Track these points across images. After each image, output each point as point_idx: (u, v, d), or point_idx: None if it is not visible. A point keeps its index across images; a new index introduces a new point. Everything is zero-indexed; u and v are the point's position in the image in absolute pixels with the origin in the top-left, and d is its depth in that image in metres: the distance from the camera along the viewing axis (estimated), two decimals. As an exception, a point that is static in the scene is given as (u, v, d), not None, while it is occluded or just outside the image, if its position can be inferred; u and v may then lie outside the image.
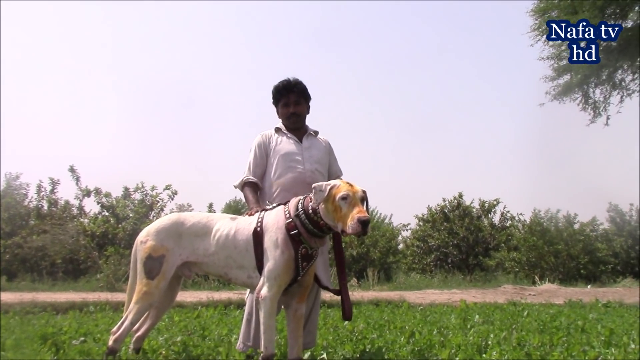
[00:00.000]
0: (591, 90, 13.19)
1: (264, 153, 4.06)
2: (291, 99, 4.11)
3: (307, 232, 3.38)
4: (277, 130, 4.17)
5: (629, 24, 12.20)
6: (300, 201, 3.47)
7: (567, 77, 12.96)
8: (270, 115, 4.26)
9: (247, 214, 3.72)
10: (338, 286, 3.76)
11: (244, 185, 4.01)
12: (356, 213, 3.19)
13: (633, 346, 4.55)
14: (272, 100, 4.23)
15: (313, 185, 3.37)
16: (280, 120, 4.21)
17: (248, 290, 3.92)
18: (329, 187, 3.32)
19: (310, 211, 3.37)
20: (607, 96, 13.14)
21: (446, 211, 19.40)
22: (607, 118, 13.21)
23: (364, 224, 3.16)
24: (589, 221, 19.64)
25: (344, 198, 3.25)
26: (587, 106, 13.31)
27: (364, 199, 3.34)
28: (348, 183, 3.36)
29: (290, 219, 3.41)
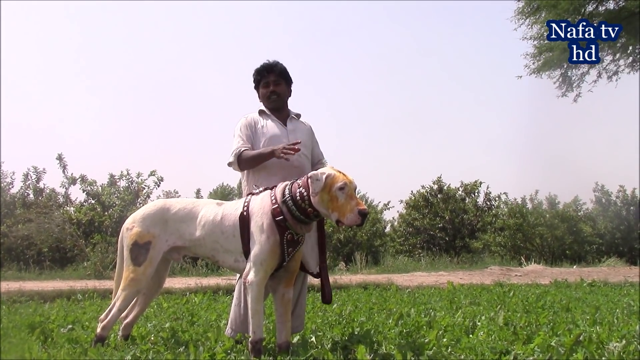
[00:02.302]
0: (570, 68, 13.24)
1: (250, 134, 3.98)
2: (270, 78, 4.08)
3: (293, 218, 3.38)
4: (261, 112, 4.12)
5: (611, 5, 12.27)
6: (288, 187, 3.45)
7: (548, 55, 13.00)
8: (255, 99, 4.21)
9: (284, 150, 3.60)
10: (318, 269, 3.76)
11: (240, 155, 3.86)
12: (356, 205, 3.21)
13: (617, 323, 4.62)
14: (253, 85, 4.21)
15: (309, 175, 3.36)
16: (262, 104, 4.18)
17: (237, 275, 3.92)
18: (324, 176, 3.30)
19: (298, 198, 3.36)
20: (584, 74, 13.21)
21: (428, 196, 19.51)
22: (577, 95, 13.28)
23: (364, 216, 3.20)
24: (571, 201, 19.87)
25: (341, 188, 3.24)
26: (563, 84, 13.38)
27: (356, 188, 3.36)
28: (341, 172, 3.35)
29: (277, 205, 3.40)
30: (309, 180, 3.33)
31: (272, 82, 4.08)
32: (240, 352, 3.47)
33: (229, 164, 3.94)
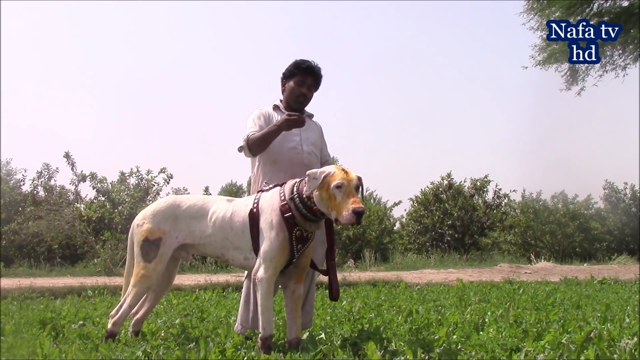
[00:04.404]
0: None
1: (264, 124, 3.92)
2: (308, 80, 4.02)
3: (301, 216, 3.37)
4: (276, 108, 4.10)
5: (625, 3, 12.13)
6: (296, 185, 3.44)
7: (555, 48, 12.86)
8: (266, 96, 4.20)
9: (289, 119, 3.62)
10: (326, 266, 3.75)
11: (249, 138, 3.80)
12: (351, 204, 3.14)
13: (628, 321, 4.59)
14: (284, 73, 4.10)
15: (307, 173, 3.33)
16: (280, 97, 4.14)
17: (246, 272, 3.93)
18: (323, 175, 3.27)
19: (305, 195, 3.36)
20: (589, 67, 13.05)
21: (437, 192, 19.45)
22: (581, 89, 13.12)
23: (358, 215, 3.12)
24: (584, 200, 19.72)
25: (338, 187, 3.20)
26: (571, 79, 13.23)
27: (358, 186, 3.30)
28: (343, 170, 3.31)
29: (285, 202, 3.40)
30: (307, 178, 3.31)
31: (308, 85, 4.03)
32: (250, 348, 3.48)
33: (240, 149, 3.88)
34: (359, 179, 3.33)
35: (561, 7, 11.59)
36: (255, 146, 3.80)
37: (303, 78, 4.02)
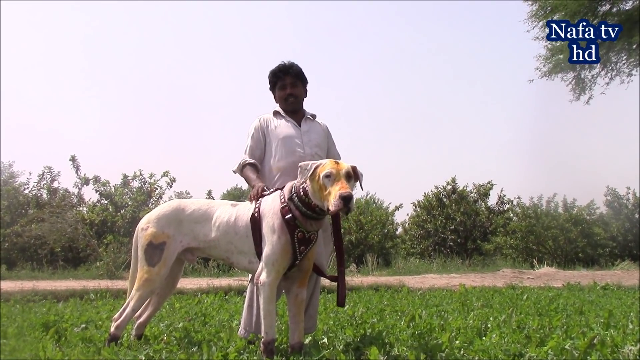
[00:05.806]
0: (584, 70, 13.09)
1: (262, 137, 4.03)
2: (287, 80, 4.09)
3: (301, 215, 3.37)
4: (276, 113, 4.14)
5: (628, 5, 12.15)
6: (294, 185, 3.46)
7: (560, 57, 12.88)
8: (269, 100, 4.24)
9: (251, 195, 3.68)
10: (336, 272, 3.75)
11: (242, 168, 3.96)
12: (338, 190, 3.14)
13: (631, 327, 4.58)
14: (269, 86, 4.22)
15: (299, 164, 3.36)
16: (278, 105, 4.20)
17: (249, 276, 3.93)
18: (314, 166, 3.30)
19: (302, 193, 3.36)
20: (596, 75, 13.07)
21: (441, 197, 19.44)
22: (590, 97, 13.13)
23: (345, 199, 3.07)
24: (586, 205, 19.70)
25: (327, 176, 3.21)
26: (577, 87, 13.25)
27: (349, 175, 3.28)
28: (334, 161, 3.33)
29: (285, 204, 3.41)
30: (299, 169, 3.34)
31: (289, 85, 4.09)
32: (252, 352, 3.48)
33: (234, 172, 4.05)
34: (353, 168, 3.35)
35: (565, 14, 11.61)
36: (244, 178, 4.00)
37: (282, 81, 4.11)
